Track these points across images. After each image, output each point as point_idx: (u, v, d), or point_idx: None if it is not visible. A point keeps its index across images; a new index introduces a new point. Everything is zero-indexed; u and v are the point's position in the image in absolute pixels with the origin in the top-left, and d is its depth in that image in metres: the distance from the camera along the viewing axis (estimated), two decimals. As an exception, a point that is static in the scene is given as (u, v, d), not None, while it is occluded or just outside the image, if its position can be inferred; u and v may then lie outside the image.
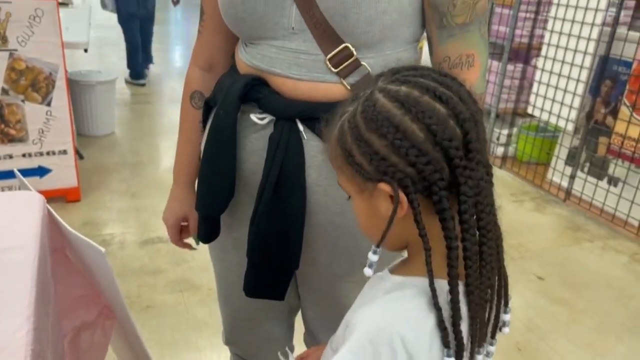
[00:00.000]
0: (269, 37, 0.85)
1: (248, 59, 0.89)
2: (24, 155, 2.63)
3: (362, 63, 0.84)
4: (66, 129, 2.69)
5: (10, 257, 0.94)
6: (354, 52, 0.82)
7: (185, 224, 1.14)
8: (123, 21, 4.82)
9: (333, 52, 0.82)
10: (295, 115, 0.86)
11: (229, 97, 0.88)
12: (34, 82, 2.57)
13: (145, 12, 4.91)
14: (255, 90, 0.87)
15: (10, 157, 2.61)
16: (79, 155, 3.26)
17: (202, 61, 1.02)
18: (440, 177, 0.57)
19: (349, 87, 0.84)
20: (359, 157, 0.60)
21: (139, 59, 4.94)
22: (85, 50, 3.24)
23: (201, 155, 0.97)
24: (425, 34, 0.91)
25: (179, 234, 1.14)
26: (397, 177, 0.58)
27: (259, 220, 0.90)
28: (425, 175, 0.57)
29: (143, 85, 5.00)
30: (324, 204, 0.90)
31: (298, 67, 0.84)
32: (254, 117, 0.88)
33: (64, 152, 2.71)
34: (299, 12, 0.81)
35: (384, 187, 0.59)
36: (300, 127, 0.87)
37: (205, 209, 0.97)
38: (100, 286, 1.21)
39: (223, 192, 0.93)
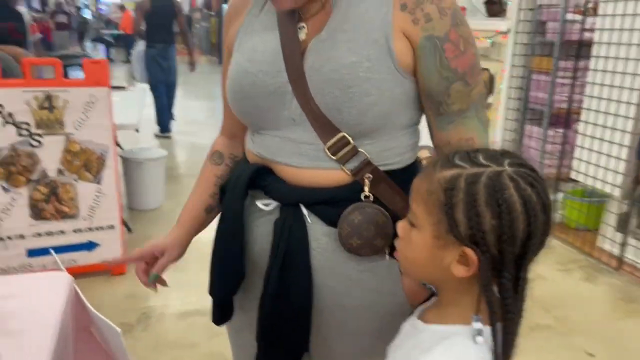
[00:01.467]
0: (273, 128, 0.91)
1: (255, 148, 0.96)
2: (75, 231, 2.79)
3: (360, 150, 0.88)
4: (114, 205, 2.85)
5: (31, 338, 1.00)
6: (351, 141, 0.87)
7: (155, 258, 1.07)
8: (152, 88, 5.72)
9: (331, 142, 0.87)
10: (299, 200, 0.90)
11: (237, 185, 0.94)
12: (87, 163, 2.76)
13: (169, 80, 5.83)
14: (261, 178, 0.93)
15: (63, 232, 2.77)
16: (127, 228, 3.42)
17: (226, 130, 1.12)
18: (513, 265, 0.68)
19: (349, 173, 0.89)
20: (460, 216, 0.66)
21: (166, 117, 6.02)
22: (137, 130, 3.47)
23: (214, 239, 1.01)
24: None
25: (144, 256, 1.04)
26: (483, 251, 0.66)
27: (267, 303, 0.92)
28: (504, 261, 0.67)
29: (169, 137, 6.04)
30: (330, 286, 0.92)
31: (299, 156, 0.89)
32: (259, 203, 0.94)
33: (111, 227, 2.85)
34: (299, 106, 0.87)
35: (470, 254, 0.67)
36: (304, 211, 0.90)
37: (218, 291, 1.00)
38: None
39: (233, 275, 0.96)
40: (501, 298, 0.68)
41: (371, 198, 0.89)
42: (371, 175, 0.88)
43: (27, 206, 2.68)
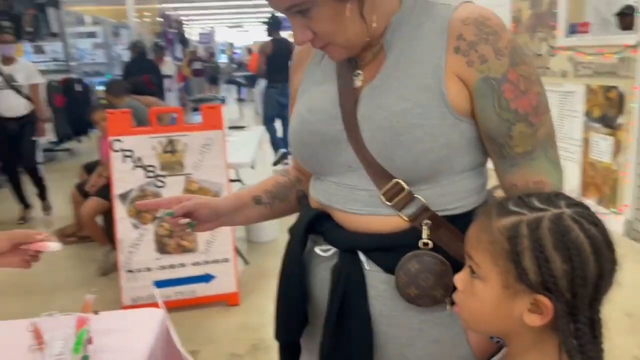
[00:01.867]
0: (330, 174, 0.93)
1: (315, 194, 0.97)
2: (193, 264, 3.01)
3: (416, 196, 0.86)
4: (228, 240, 3.03)
5: (119, 372, 1.09)
6: (406, 187, 0.85)
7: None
8: (266, 122, 6.31)
9: (386, 188, 0.86)
10: (356, 247, 0.89)
11: (297, 231, 0.96)
12: (204, 200, 2.99)
13: (285, 115, 6.04)
14: (320, 224, 0.94)
15: (183, 265, 3.01)
16: (244, 260, 3.60)
17: (295, 165, 1.13)
18: (587, 308, 0.67)
19: (406, 219, 0.86)
20: (528, 264, 0.66)
21: (280, 147, 6.47)
22: (252, 167, 3.68)
23: (278, 282, 1.04)
24: None
25: (171, 201, 0.99)
26: (557, 297, 0.65)
27: (326, 351, 0.92)
28: (579, 305, 0.66)
29: (287, 164, 6.05)
30: (391, 335, 0.90)
31: (355, 202, 0.89)
32: (318, 249, 0.95)
33: (226, 260, 3.03)
34: (354, 153, 0.88)
35: (544, 301, 0.66)
36: (362, 258, 0.89)
37: (282, 335, 1.02)
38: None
39: (296, 319, 0.97)
40: (578, 344, 0.66)
41: (430, 245, 0.85)
42: (429, 222, 0.85)
43: (153, 241, 2.96)
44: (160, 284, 2.96)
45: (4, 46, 4.47)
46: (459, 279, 0.75)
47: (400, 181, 0.85)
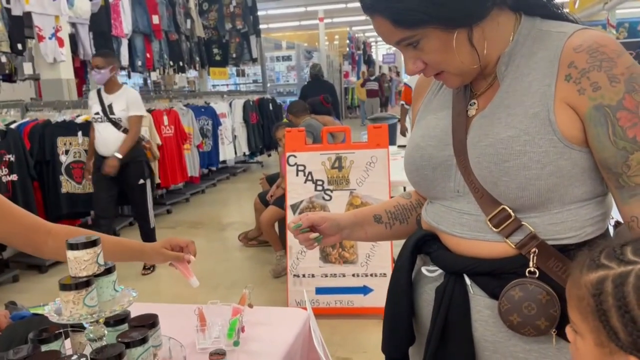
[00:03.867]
0: (439, 198, 0.96)
1: (425, 216, 1.01)
2: (353, 275, 3.15)
3: (523, 223, 0.85)
4: (387, 255, 3.11)
5: (261, 358, 1.24)
6: (512, 214, 0.85)
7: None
8: None
9: (492, 214, 0.87)
10: (461, 270, 0.91)
11: (405, 250, 1.00)
12: (366, 215, 3.12)
13: None
14: (428, 245, 0.97)
15: (344, 275, 3.17)
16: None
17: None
18: None
19: (513, 246, 0.86)
20: (615, 323, 0.63)
21: None
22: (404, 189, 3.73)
23: (386, 299, 1.08)
24: None
25: (307, 218, 1.07)
26: None
27: None
28: None
29: None
30: None
31: (461, 226, 0.91)
32: (424, 269, 0.98)
33: (384, 274, 3.11)
34: (462, 178, 0.90)
35: None
36: (468, 281, 0.91)
37: (389, 351, 1.06)
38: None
39: (402, 336, 1.01)
40: None
41: (537, 274, 0.83)
42: (537, 250, 0.84)
43: (317, 250, 3.17)
44: (321, 290, 3.16)
45: (98, 72, 3.72)
46: (568, 331, 0.72)
47: (507, 207, 0.85)
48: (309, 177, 3.19)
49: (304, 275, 3.19)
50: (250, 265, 4.24)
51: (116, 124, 3.80)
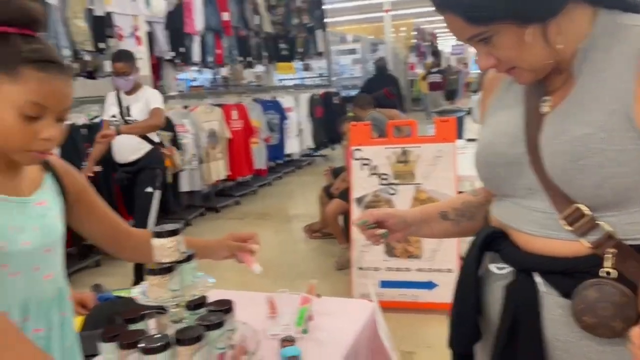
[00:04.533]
0: (510, 195, 0.96)
1: (494, 212, 1.01)
2: (418, 270, 3.15)
3: (599, 222, 0.83)
4: (453, 251, 3.07)
5: (327, 346, 1.29)
6: (587, 213, 0.84)
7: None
8: None
9: (566, 212, 0.85)
10: (532, 268, 0.91)
11: (473, 246, 1.01)
12: (432, 210, 3.10)
13: None
14: (497, 242, 0.97)
15: (408, 270, 3.17)
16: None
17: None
18: None
19: (588, 245, 0.84)
20: None
21: None
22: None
23: (453, 294, 1.09)
24: None
25: (373, 215, 1.11)
26: None
27: None
28: None
29: None
30: None
31: (532, 224, 0.90)
32: (493, 267, 0.98)
33: (449, 270, 3.08)
34: (534, 175, 0.90)
35: None
36: (538, 279, 0.90)
37: (455, 346, 1.06)
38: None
39: (468, 332, 1.01)
40: None
41: (612, 274, 0.82)
42: (615, 250, 0.82)
43: (382, 244, 3.18)
44: (386, 284, 3.17)
45: (125, 79, 3.51)
46: (636, 333, 0.70)
47: (581, 206, 0.84)
48: (374, 171, 3.20)
49: (368, 268, 3.22)
50: (314, 257, 4.31)
51: None
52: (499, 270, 0.97)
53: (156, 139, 3.72)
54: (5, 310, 1.03)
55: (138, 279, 3.38)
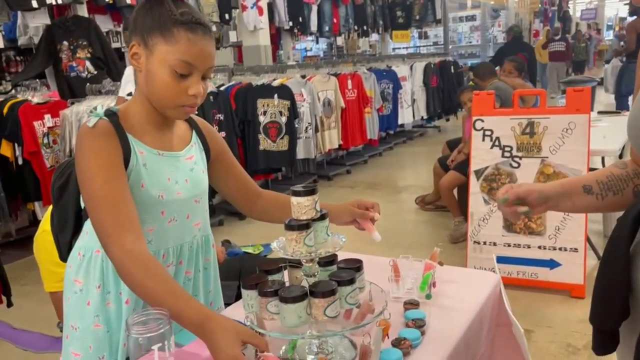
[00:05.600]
0: None
1: None
2: (539, 247, 3.00)
3: None
4: (580, 229, 2.89)
5: (452, 314, 1.30)
6: None
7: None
8: (617, 99, 5.83)
9: None
10: None
11: (626, 220, 0.95)
12: (558, 185, 2.93)
13: None
14: None
15: (529, 247, 3.03)
16: (596, 255, 3.36)
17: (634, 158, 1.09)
18: None
19: None
20: None
21: None
22: (620, 156, 3.36)
23: (599, 268, 1.04)
24: None
25: (513, 192, 1.08)
26: None
27: None
28: None
29: None
30: None
31: None
32: None
33: (575, 249, 2.91)
34: None
35: None
36: None
37: (598, 323, 1.02)
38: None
39: (617, 309, 0.96)
40: None
41: None
42: None
43: (501, 218, 3.08)
44: (502, 259, 3.07)
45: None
46: None
47: None
48: (496, 143, 3.08)
49: (484, 243, 3.14)
50: (426, 229, 4.28)
51: None
52: None
53: None
54: (164, 253, 1.15)
55: None
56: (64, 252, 1.32)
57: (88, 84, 4.17)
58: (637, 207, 0.93)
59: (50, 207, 1.41)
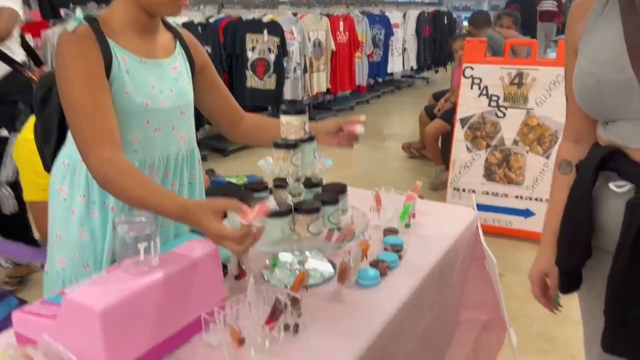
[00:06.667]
0: (622, 118, 0.93)
1: (605, 135, 0.97)
2: (516, 197, 3.08)
3: None
4: (557, 182, 2.96)
5: (427, 241, 1.34)
6: None
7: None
8: None
9: None
10: None
11: (588, 165, 0.98)
12: (540, 137, 2.97)
13: None
14: (613, 162, 0.94)
15: (506, 195, 3.11)
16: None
17: (570, 135, 1.11)
18: None
19: None
20: None
21: None
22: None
23: (563, 213, 1.07)
24: None
25: (540, 289, 1.20)
26: None
27: (616, 282, 0.94)
28: None
29: None
30: None
31: None
32: (612, 185, 0.95)
33: (550, 201, 2.99)
34: None
35: None
36: None
37: (562, 263, 1.06)
38: (496, 295, 1.46)
39: (578, 250, 1.01)
40: None
41: None
42: None
43: (482, 167, 3.13)
44: (480, 207, 3.11)
45: None
46: None
47: None
48: (484, 92, 3.09)
49: (464, 190, 3.20)
50: (409, 176, 4.33)
51: None
52: (619, 189, 0.95)
53: (17, 57, 2.48)
54: (150, 164, 1.16)
55: None
56: (49, 162, 1.31)
57: (71, 4, 4.02)
58: (601, 153, 0.96)
59: (33, 117, 1.39)
